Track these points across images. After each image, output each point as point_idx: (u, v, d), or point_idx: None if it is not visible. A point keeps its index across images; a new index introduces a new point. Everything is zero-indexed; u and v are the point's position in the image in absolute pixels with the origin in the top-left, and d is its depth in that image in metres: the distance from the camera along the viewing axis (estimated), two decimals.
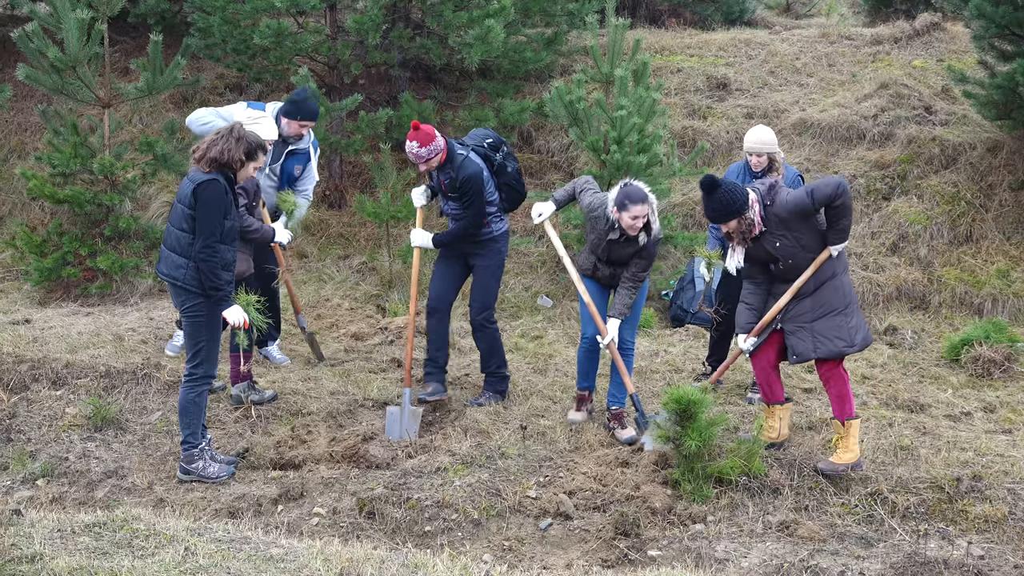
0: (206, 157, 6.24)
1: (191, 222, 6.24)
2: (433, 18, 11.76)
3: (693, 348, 9.47)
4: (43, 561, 4.15)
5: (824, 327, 6.56)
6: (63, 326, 9.19)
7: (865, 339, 6.64)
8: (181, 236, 6.30)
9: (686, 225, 11.62)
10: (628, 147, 10.02)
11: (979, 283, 10.66)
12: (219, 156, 6.23)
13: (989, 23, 11.01)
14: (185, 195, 6.25)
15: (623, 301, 7.22)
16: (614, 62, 10.47)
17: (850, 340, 6.56)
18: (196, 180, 6.22)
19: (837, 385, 6.64)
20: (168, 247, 6.40)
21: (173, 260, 6.35)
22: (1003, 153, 11.70)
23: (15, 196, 12.62)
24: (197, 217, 6.21)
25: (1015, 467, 6.75)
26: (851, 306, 6.62)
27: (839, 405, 6.62)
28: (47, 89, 10.35)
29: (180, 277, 6.31)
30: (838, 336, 6.54)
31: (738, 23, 17.38)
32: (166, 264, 6.41)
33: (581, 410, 7.63)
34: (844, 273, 6.68)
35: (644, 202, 6.92)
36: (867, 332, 6.68)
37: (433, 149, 7.47)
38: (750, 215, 6.52)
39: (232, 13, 11.66)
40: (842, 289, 6.61)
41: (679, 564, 5.59)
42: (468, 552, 5.69)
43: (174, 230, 6.35)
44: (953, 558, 5.57)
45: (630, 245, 7.12)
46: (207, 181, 6.21)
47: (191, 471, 6.55)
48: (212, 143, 6.27)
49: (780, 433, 6.97)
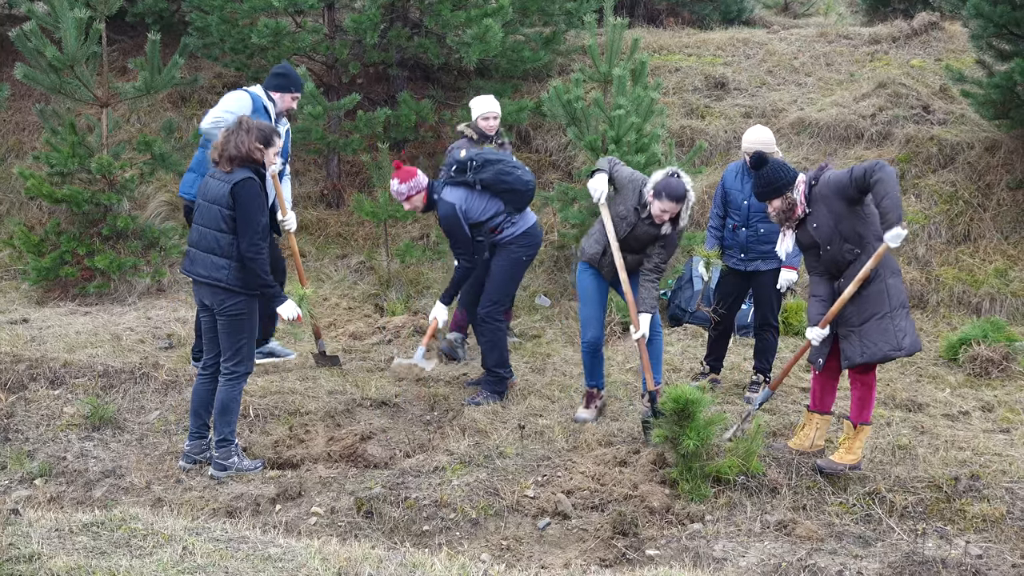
0: (225, 157, 6.23)
1: (231, 222, 6.21)
2: (431, 17, 11.76)
3: (691, 347, 9.48)
4: (41, 560, 4.15)
5: (869, 330, 6.42)
6: (61, 325, 9.19)
7: (913, 344, 6.45)
8: (220, 237, 6.24)
9: None
10: (626, 146, 10.01)
11: (977, 282, 10.67)
12: (237, 152, 6.21)
13: (987, 22, 11.02)
14: (221, 195, 6.21)
15: (650, 294, 7.18)
16: (612, 61, 10.47)
17: (896, 344, 6.39)
18: (232, 180, 6.19)
19: (863, 390, 6.56)
20: (203, 249, 6.32)
21: (212, 262, 6.28)
22: (1001, 152, 11.70)
23: (13, 195, 12.62)
24: (239, 216, 6.18)
25: (1013, 466, 6.75)
26: (898, 310, 6.42)
27: (858, 408, 6.57)
28: (45, 88, 10.33)
29: (223, 278, 6.26)
30: (883, 339, 6.39)
31: (736, 22, 17.38)
32: (203, 266, 6.32)
33: (590, 407, 7.61)
34: (892, 277, 6.47)
35: (679, 201, 6.97)
36: (916, 337, 6.48)
37: (413, 186, 7.64)
38: (793, 195, 6.46)
39: (230, 12, 11.66)
40: (887, 292, 6.42)
41: (677, 563, 5.59)
42: (466, 551, 5.69)
43: (209, 231, 6.28)
44: (951, 557, 5.57)
45: (654, 227, 7.13)
46: (244, 180, 6.19)
47: (227, 467, 6.55)
48: (225, 142, 6.25)
49: (813, 443, 6.86)
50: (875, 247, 6.35)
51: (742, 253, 8.03)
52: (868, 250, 6.38)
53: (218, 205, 6.23)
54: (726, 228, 8.10)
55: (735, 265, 8.07)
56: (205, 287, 6.39)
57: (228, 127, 6.35)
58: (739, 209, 8.00)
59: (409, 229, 12.06)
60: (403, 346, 9.12)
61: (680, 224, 7.13)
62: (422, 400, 7.80)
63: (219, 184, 6.25)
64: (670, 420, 6.40)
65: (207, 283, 6.34)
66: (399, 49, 12.25)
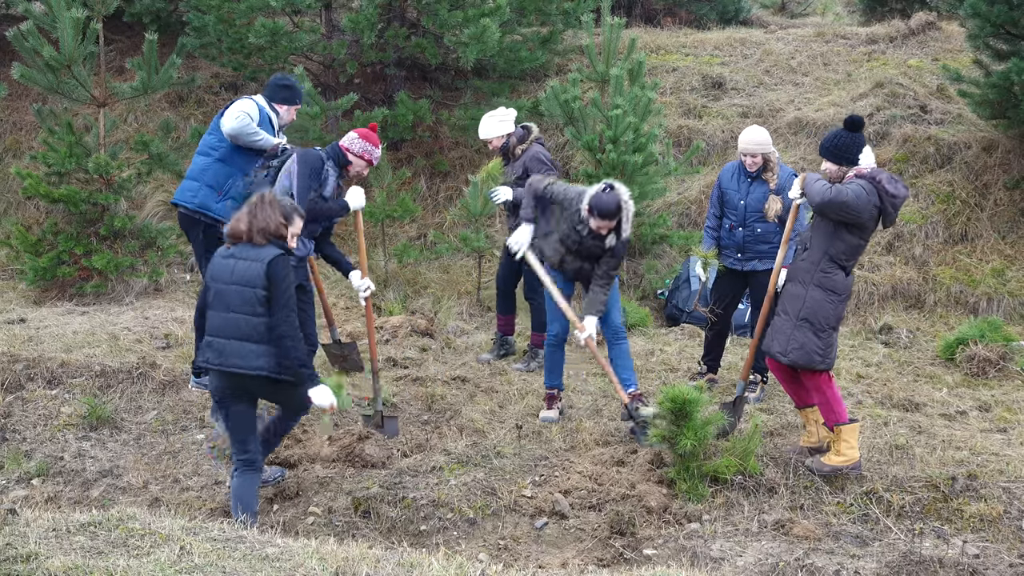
0: (256, 230, 5.71)
1: (266, 304, 5.64)
2: (428, 17, 11.75)
3: (688, 347, 9.48)
4: (38, 560, 4.14)
5: (775, 324, 6.61)
6: (58, 325, 9.18)
7: (804, 359, 6.43)
8: (257, 322, 5.65)
9: (682, 224, 11.62)
10: (623, 146, 10.02)
11: (974, 282, 10.68)
12: (266, 225, 5.73)
13: (984, 22, 11.03)
14: (255, 276, 5.63)
15: (598, 298, 7.20)
16: (610, 61, 10.47)
17: (784, 349, 6.49)
18: (265, 257, 5.65)
19: (818, 395, 6.62)
20: (234, 337, 5.67)
21: (250, 350, 5.66)
22: (998, 152, 11.71)
23: (10, 195, 12.60)
24: (276, 294, 5.63)
25: (1010, 466, 6.76)
26: (805, 322, 6.43)
27: (825, 413, 6.60)
28: (42, 88, 10.32)
29: (264, 366, 5.65)
30: (777, 339, 6.54)
31: (733, 22, 17.39)
32: (238, 357, 5.66)
33: (552, 408, 7.65)
34: (819, 290, 6.43)
35: (611, 217, 6.95)
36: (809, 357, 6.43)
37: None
38: (846, 170, 6.42)
39: (227, 12, 11.65)
40: (803, 300, 6.45)
41: (674, 563, 5.59)
42: (464, 551, 5.69)
43: (241, 317, 5.66)
44: (948, 557, 5.57)
45: (600, 240, 7.13)
46: (279, 256, 5.69)
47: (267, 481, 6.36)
48: (251, 217, 5.75)
49: (820, 438, 6.85)
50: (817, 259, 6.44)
51: (739, 253, 8.03)
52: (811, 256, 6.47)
53: (252, 287, 5.64)
54: (723, 228, 8.10)
55: (732, 265, 8.07)
56: (243, 379, 5.70)
57: (251, 201, 5.85)
58: (736, 209, 8.00)
59: (407, 229, 12.06)
60: (400, 346, 9.11)
61: (623, 235, 7.10)
62: (419, 400, 7.80)
63: (249, 264, 5.67)
64: (667, 420, 6.41)
65: (247, 374, 5.67)
66: (396, 49, 12.25)
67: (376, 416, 7.11)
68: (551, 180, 7.44)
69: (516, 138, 8.52)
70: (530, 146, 8.50)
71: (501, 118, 8.50)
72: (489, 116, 8.58)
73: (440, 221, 12.17)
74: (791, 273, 6.64)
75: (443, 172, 12.77)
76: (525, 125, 8.64)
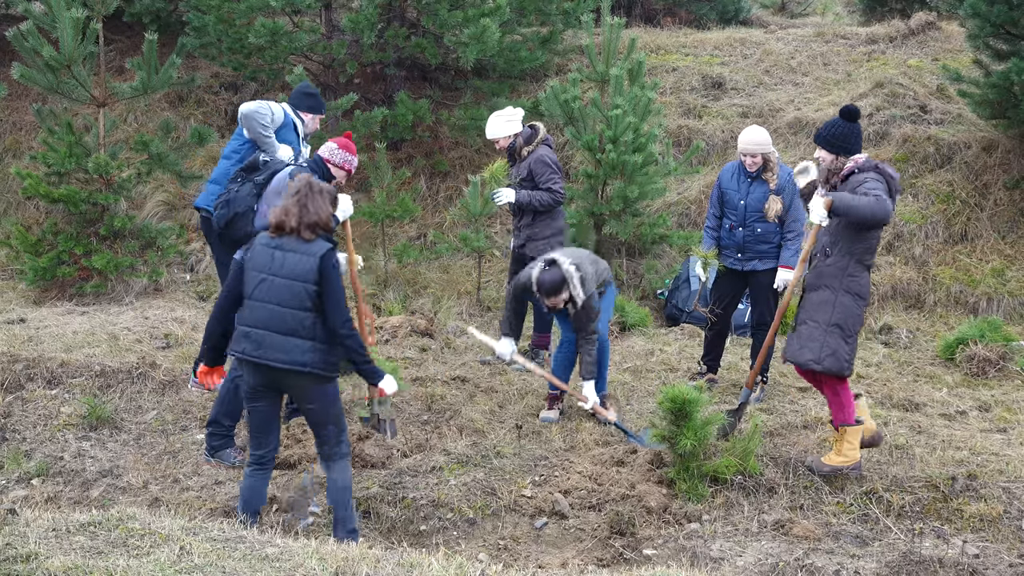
0: (305, 224, 5.51)
1: (316, 299, 5.48)
2: (428, 17, 11.75)
3: (688, 347, 9.48)
4: (38, 560, 4.14)
5: (802, 332, 6.47)
6: (58, 325, 9.19)
7: (836, 365, 6.37)
8: (304, 317, 5.46)
9: (681, 224, 11.62)
10: (623, 146, 10.02)
11: (974, 282, 10.68)
12: (318, 218, 5.54)
13: (984, 22, 11.03)
14: (306, 270, 5.46)
15: (588, 360, 7.24)
16: (609, 61, 10.47)
17: (817, 357, 6.38)
18: (316, 252, 5.48)
19: (828, 393, 6.59)
20: (279, 331, 5.48)
21: (295, 345, 5.47)
22: (998, 152, 11.72)
23: (10, 195, 12.61)
24: (329, 292, 5.48)
25: (1010, 466, 6.76)
26: (835, 328, 6.37)
27: (834, 411, 6.58)
28: (42, 88, 10.32)
29: (307, 361, 5.46)
30: (808, 347, 6.41)
31: (733, 22, 17.39)
32: (280, 350, 5.46)
33: (553, 408, 7.67)
34: (846, 295, 6.38)
35: (555, 294, 7.03)
36: (843, 362, 6.39)
37: None
38: (842, 163, 6.41)
39: (227, 12, 11.65)
40: (832, 306, 6.39)
41: (674, 563, 5.59)
42: (463, 551, 5.69)
43: (288, 311, 5.47)
44: (948, 557, 5.57)
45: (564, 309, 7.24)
46: (329, 251, 5.53)
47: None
48: (302, 208, 5.53)
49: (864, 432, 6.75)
50: (844, 264, 6.37)
51: (739, 253, 8.03)
52: (836, 261, 6.39)
53: (301, 281, 5.46)
54: (723, 228, 8.10)
55: (732, 265, 8.07)
56: (279, 373, 5.52)
57: (299, 190, 5.59)
58: (736, 209, 8.00)
59: (406, 229, 12.06)
60: (400, 346, 9.11)
61: (578, 302, 7.12)
62: (419, 400, 7.80)
63: (299, 258, 5.48)
64: (667, 420, 6.41)
65: (286, 369, 5.49)
66: (396, 49, 12.25)
67: (374, 418, 7.11)
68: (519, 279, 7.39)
69: (523, 139, 8.51)
70: (537, 147, 8.48)
71: (508, 118, 8.50)
72: (496, 115, 8.57)
73: (440, 221, 12.17)
74: (815, 280, 6.50)
75: (443, 172, 12.77)
76: (532, 124, 8.60)
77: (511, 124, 8.46)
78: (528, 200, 8.35)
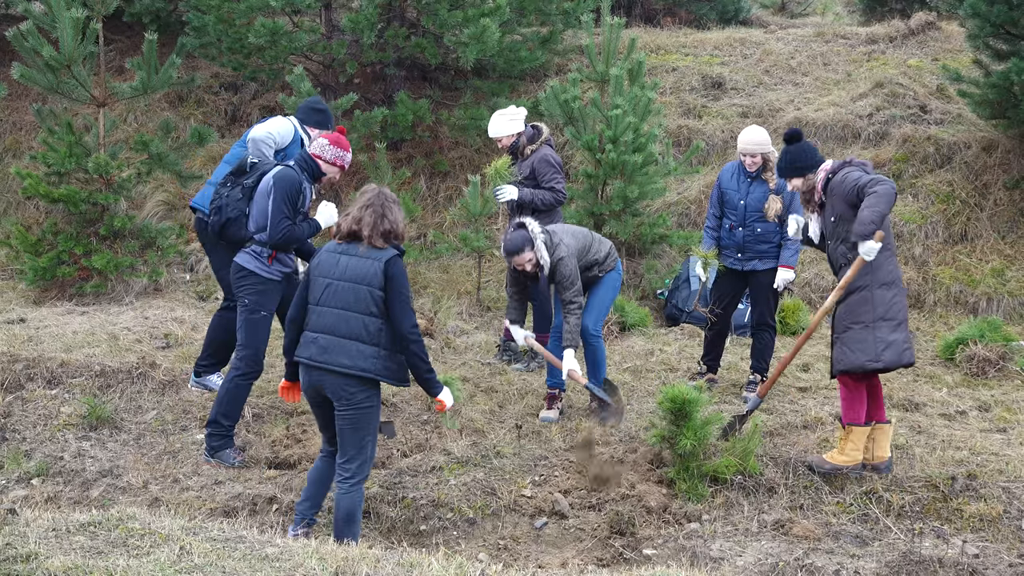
0: (378, 232, 5.53)
1: (381, 304, 5.48)
2: (428, 17, 11.75)
3: (688, 347, 9.48)
4: (38, 560, 4.14)
5: (849, 338, 6.39)
6: (58, 325, 9.18)
7: (897, 357, 6.35)
8: (369, 322, 5.47)
9: (681, 224, 11.62)
10: (623, 146, 10.02)
11: (974, 282, 10.68)
12: (392, 228, 5.57)
13: (984, 22, 11.03)
14: (372, 274, 5.47)
15: (568, 330, 7.24)
16: (609, 61, 10.47)
17: (875, 355, 6.32)
18: (383, 257, 5.50)
19: (844, 391, 6.56)
20: (345, 336, 5.49)
21: (358, 350, 5.47)
22: (998, 152, 11.71)
23: (10, 195, 12.61)
24: (396, 296, 5.47)
25: (1010, 466, 6.76)
26: (882, 321, 6.33)
27: (844, 409, 6.58)
28: (42, 88, 10.31)
29: (371, 367, 5.47)
30: (861, 349, 6.33)
31: (733, 22, 17.38)
32: (346, 355, 5.47)
33: (553, 408, 7.66)
34: (881, 287, 6.36)
35: (516, 254, 7.11)
36: (903, 351, 6.37)
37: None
38: (813, 179, 6.52)
39: (227, 12, 11.65)
40: (872, 302, 6.34)
41: (674, 563, 5.59)
42: (463, 551, 5.70)
43: (354, 315, 5.49)
44: (948, 556, 5.58)
45: (535, 276, 7.29)
46: (396, 256, 5.54)
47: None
48: (378, 217, 5.54)
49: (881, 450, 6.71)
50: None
51: (739, 253, 8.04)
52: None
53: (367, 286, 5.47)
54: (723, 228, 8.10)
55: (732, 265, 8.08)
56: (337, 377, 5.51)
57: (372, 200, 5.60)
58: (736, 209, 8.01)
59: (407, 229, 12.04)
60: None
61: (544, 267, 7.18)
62: (419, 400, 7.80)
63: (364, 262, 5.51)
64: (667, 420, 6.41)
65: (347, 374, 5.49)
66: (396, 49, 12.25)
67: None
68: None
69: (526, 138, 8.51)
70: (540, 147, 8.49)
71: (511, 117, 8.50)
72: (499, 114, 8.58)
73: (440, 221, 12.17)
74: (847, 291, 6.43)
75: (443, 172, 12.77)
76: (535, 125, 8.62)
77: (514, 123, 8.47)
78: (531, 198, 8.36)
